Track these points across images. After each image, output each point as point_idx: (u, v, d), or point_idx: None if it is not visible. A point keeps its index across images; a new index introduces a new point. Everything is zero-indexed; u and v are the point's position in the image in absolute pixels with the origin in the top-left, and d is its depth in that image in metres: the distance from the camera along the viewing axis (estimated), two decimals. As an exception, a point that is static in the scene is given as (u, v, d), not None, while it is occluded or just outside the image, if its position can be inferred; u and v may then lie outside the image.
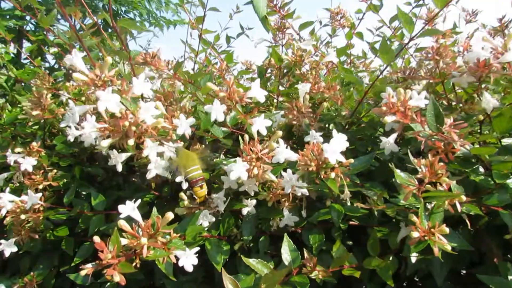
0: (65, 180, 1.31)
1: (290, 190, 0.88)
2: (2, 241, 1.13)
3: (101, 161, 1.42)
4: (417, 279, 1.16)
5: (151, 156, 0.90)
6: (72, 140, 1.20)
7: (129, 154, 0.96)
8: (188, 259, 0.78)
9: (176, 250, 0.79)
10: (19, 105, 1.84)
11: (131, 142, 0.88)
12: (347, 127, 1.21)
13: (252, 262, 0.87)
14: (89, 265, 0.71)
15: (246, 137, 0.94)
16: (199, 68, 1.69)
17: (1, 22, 1.61)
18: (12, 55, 2.13)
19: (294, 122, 1.08)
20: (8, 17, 2.31)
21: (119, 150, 1.16)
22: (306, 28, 1.39)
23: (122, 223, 0.76)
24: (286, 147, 0.89)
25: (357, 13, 1.76)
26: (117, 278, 0.68)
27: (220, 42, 1.80)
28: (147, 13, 2.38)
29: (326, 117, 1.16)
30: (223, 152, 1.16)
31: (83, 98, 1.57)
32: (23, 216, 1.12)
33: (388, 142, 0.96)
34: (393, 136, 0.97)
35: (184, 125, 0.95)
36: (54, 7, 1.16)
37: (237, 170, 0.85)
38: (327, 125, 1.19)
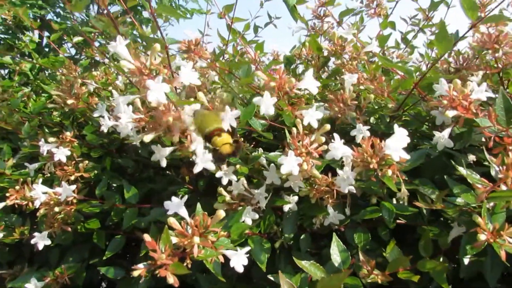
0: (95, 172, 1.28)
1: (347, 188, 0.83)
2: (36, 233, 1.10)
3: (132, 153, 1.39)
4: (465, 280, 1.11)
5: (198, 150, 0.85)
6: (106, 130, 1.16)
7: (172, 148, 0.91)
8: (239, 259, 0.74)
9: (226, 249, 0.75)
10: (43, 94, 1.82)
11: (176, 138, 0.84)
12: (388, 120, 1.16)
13: (305, 264, 0.83)
14: (141, 266, 0.67)
15: (295, 130, 0.90)
16: (228, 58, 1.63)
17: (26, 10, 1.56)
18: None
19: (339, 115, 1.02)
20: (28, 6, 2.28)
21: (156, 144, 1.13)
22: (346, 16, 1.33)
23: (172, 221, 0.72)
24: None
25: (389, 1, 1.69)
26: (171, 279, 0.65)
27: (246, 32, 1.74)
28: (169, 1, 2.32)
29: (368, 110, 1.11)
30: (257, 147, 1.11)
31: (110, 88, 1.54)
32: (56, 209, 1.10)
33: (443, 137, 0.91)
34: (447, 130, 0.92)
35: (229, 118, 0.90)
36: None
37: (289, 164, 0.81)
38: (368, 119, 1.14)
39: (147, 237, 0.69)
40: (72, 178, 1.21)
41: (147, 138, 0.87)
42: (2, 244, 1.20)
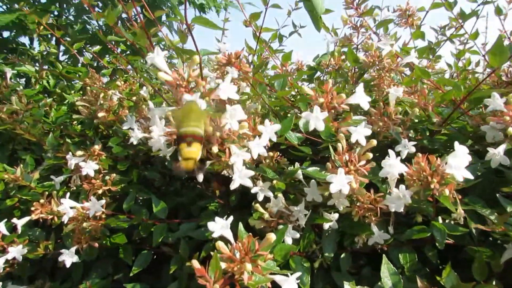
0: (122, 185, 1.24)
1: (402, 208, 0.78)
2: (64, 250, 1.06)
3: (158, 165, 1.35)
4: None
5: (237, 164, 0.81)
6: (135, 142, 1.13)
7: (209, 162, 0.87)
8: (291, 286, 0.69)
9: (275, 275, 0.70)
10: (63, 104, 1.79)
11: (215, 149, 0.80)
12: (428, 134, 1.11)
13: None
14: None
15: (340, 145, 0.85)
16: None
17: (47, 18, 1.54)
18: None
19: (382, 130, 0.98)
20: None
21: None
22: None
23: (221, 245, 0.67)
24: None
25: (420, 11, 1.64)
26: (224, 309, 0.60)
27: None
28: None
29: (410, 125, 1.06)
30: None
31: (134, 98, 1.51)
32: (85, 224, 1.06)
33: (498, 154, 0.86)
34: (503, 147, 0.87)
35: (269, 132, 0.86)
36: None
37: (339, 183, 0.76)
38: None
39: (195, 263, 0.64)
40: (100, 191, 1.17)
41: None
42: (24, 259, 1.16)
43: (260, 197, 0.97)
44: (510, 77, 0.94)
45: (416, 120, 1.13)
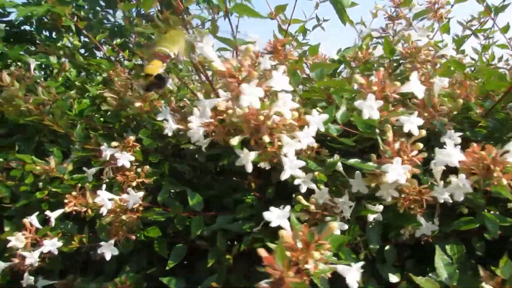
0: (154, 177, 1.23)
1: (462, 197, 0.77)
2: (102, 243, 1.05)
3: (188, 158, 1.34)
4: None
5: (289, 155, 0.80)
6: (170, 134, 1.12)
7: (257, 152, 0.86)
8: (354, 275, 0.69)
9: (337, 264, 0.69)
10: (84, 96, 1.78)
11: (266, 138, 0.79)
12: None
13: (420, 279, 0.77)
14: (263, 283, 0.62)
15: (390, 134, 0.84)
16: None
17: (70, 9, 1.52)
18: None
19: (426, 122, 0.97)
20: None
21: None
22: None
23: (285, 234, 0.66)
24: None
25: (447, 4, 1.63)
26: (296, 299, 0.59)
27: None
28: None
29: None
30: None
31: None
32: (124, 217, 1.05)
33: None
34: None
35: (317, 122, 0.85)
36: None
37: (395, 172, 0.75)
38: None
39: (262, 251, 0.63)
40: (134, 184, 1.16)
41: (234, 141, 0.81)
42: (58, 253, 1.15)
43: (303, 189, 0.95)
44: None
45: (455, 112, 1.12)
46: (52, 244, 1.12)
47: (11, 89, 1.28)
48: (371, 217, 0.96)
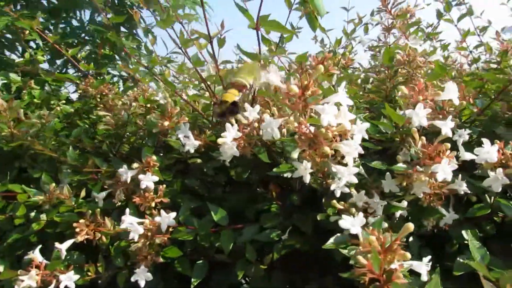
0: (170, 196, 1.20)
1: (500, 189, 0.88)
2: (136, 270, 1.01)
3: (197, 172, 1.32)
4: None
5: (349, 163, 0.85)
6: (192, 150, 1.11)
7: (310, 163, 0.89)
8: (424, 269, 0.75)
9: (411, 261, 0.75)
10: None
11: (327, 150, 0.82)
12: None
13: (472, 263, 0.86)
14: (373, 288, 0.66)
15: (417, 136, 0.93)
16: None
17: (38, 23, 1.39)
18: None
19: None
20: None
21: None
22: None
23: (373, 239, 0.71)
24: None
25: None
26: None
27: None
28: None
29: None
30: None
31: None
32: (157, 240, 1.01)
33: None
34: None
35: (360, 130, 0.90)
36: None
37: (444, 171, 0.84)
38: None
39: (361, 259, 0.67)
40: (153, 204, 1.12)
41: (295, 154, 0.84)
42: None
43: (338, 194, 1.01)
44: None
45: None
46: (68, 278, 1.04)
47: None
48: (398, 213, 1.04)
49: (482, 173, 1.01)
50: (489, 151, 0.83)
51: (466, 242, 1.03)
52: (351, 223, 0.78)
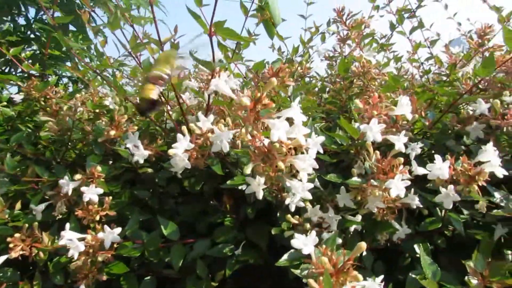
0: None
1: (451, 205, 0.88)
2: (78, 289, 0.93)
3: (147, 182, 1.25)
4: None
5: (304, 178, 0.82)
6: (141, 161, 1.05)
7: (263, 179, 0.85)
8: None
9: (364, 281, 0.74)
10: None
11: (282, 165, 0.79)
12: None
13: (423, 281, 0.85)
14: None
15: (371, 150, 0.93)
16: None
17: None
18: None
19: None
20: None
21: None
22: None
23: (325, 260, 0.68)
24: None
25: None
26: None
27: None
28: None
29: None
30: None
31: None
32: (100, 258, 0.94)
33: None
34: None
35: (316, 144, 0.88)
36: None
37: (397, 187, 0.83)
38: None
39: (312, 282, 0.64)
40: (97, 218, 1.04)
41: (248, 169, 0.80)
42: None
43: (292, 208, 0.98)
44: (485, 85, 1.13)
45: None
46: (-1, 300, 0.95)
47: None
48: (352, 228, 1.03)
49: (433, 186, 1.03)
50: (441, 167, 0.84)
51: (418, 255, 1.04)
52: (304, 242, 0.75)
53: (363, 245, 0.71)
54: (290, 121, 0.77)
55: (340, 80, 1.28)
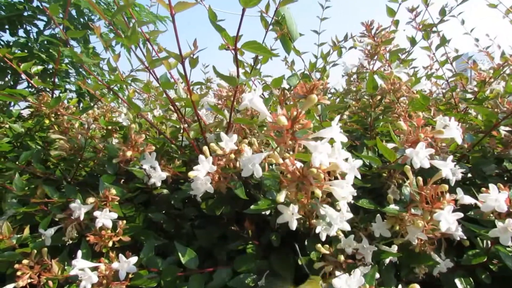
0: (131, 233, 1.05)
1: (510, 241, 0.79)
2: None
3: (163, 205, 1.17)
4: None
5: (343, 208, 0.74)
6: (159, 184, 0.97)
7: (297, 208, 0.77)
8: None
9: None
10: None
11: (319, 192, 0.71)
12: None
13: None
14: None
15: (410, 175, 0.84)
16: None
17: None
18: None
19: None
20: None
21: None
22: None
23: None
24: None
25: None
26: None
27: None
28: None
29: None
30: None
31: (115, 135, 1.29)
32: (114, 289, 0.86)
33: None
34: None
35: (354, 169, 0.80)
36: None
37: (447, 221, 0.74)
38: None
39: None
40: (110, 244, 0.97)
41: (281, 197, 0.72)
42: None
43: (323, 237, 0.90)
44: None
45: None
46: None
47: None
48: (388, 259, 0.95)
49: (477, 215, 0.94)
50: (497, 199, 0.75)
51: (458, 291, 0.95)
52: (347, 283, 0.66)
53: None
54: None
55: (368, 97, 1.20)
